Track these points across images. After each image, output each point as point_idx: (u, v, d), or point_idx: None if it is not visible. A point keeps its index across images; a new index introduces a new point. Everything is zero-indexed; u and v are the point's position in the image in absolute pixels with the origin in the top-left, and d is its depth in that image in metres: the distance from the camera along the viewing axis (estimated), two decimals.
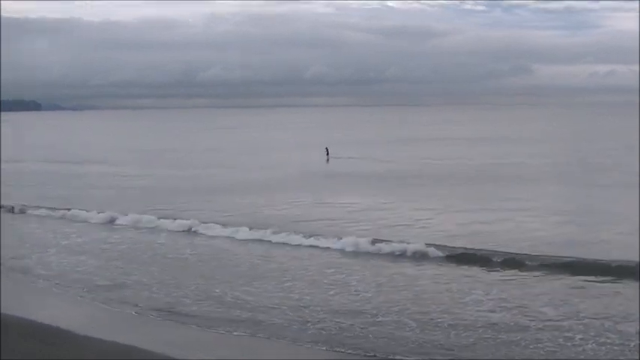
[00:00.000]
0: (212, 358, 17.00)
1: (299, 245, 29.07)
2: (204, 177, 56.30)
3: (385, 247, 27.70)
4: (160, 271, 25.47)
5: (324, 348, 17.49)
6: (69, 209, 38.56)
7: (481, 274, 24.22)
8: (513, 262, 25.10)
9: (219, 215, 36.08)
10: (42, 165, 71.42)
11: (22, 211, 39.74)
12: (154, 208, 38.41)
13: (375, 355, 16.96)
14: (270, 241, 29.97)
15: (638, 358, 15.53)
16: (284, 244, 29.51)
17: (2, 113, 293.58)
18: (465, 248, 27.13)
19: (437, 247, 27.19)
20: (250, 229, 31.87)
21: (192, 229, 32.75)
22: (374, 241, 28.34)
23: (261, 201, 41.80)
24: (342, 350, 17.33)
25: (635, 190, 40.33)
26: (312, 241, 29.31)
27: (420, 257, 26.54)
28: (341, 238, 29.11)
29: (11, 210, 39.97)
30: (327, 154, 73.49)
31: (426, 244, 27.40)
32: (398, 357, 16.76)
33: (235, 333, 18.75)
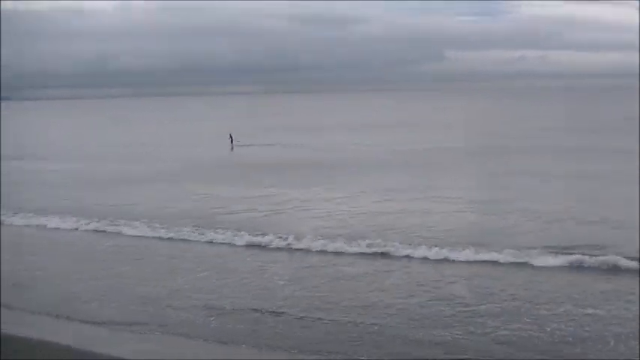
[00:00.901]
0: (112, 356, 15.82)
1: (198, 241, 27.83)
2: (103, 170, 53.14)
3: (291, 240, 26.55)
4: (61, 269, 24.20)
5: (220, 343, 16.70)
6: None
7: (397, 263, 23.39)
8: (433, 252, 24.02)
9: (119, 210, 34.35)
10: None
11: None
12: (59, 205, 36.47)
13: (276, 350, 16.15)
14: (174, 237, 28.56)
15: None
16: (187, 240, 28.18)
17: None
18: (380, 240, 25.81)
19: (347, 238, 26.31)
20: (149, 223, 30.61)
21: (100, 228, 30.79)
22: (275, 235, 27.21)
23: (157, 194, 40.06)
24: (242, 346, 16.50)
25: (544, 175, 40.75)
26: (217, 236, 28.10)
27: (332, 249, 25.38)
28: (247, 232, 28.08)
29: None
30: (232, 141, 71.82)
31: (340, 236, 26.61)
32: (299, 356, 15.88)
33: (136, 329, 17.76)
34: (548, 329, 16.66)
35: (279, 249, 25.93)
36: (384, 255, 24.38)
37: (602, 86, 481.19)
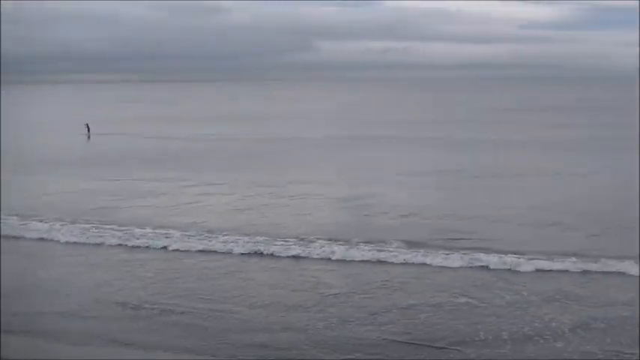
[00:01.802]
0: None
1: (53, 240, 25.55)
2: None
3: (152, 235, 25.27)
4: None
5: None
6: None
7: (266, 259, 22.38)
8: (294, 249, 23.07)
9: None
10: None
11: None
12: None
13: (137, 349, 15.14)
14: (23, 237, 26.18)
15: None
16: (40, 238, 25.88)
17: None
18: (244, 235, 24.78)
19: (208, 231, 25.44)
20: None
21: None
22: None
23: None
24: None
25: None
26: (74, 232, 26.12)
27: (189, 244, 24.06)
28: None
29: None
30: (88, 130, 69.44)
31: (198, 229, 25.73)
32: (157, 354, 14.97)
33: None
34: (418, 320, 16.39)
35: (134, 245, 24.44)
36: (244, 251, 23.16)
37: (466, 77, 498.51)
